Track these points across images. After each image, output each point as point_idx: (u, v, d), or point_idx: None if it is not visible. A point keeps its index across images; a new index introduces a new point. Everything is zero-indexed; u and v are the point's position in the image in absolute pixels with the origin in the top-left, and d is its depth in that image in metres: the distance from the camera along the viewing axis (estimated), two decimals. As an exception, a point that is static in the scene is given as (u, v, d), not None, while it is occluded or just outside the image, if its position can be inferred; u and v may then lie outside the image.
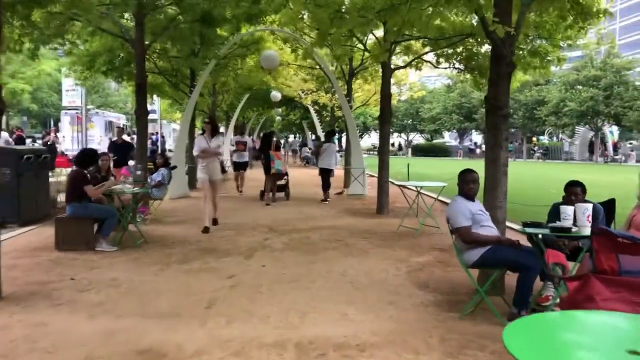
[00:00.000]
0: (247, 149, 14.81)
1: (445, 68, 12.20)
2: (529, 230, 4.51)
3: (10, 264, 6.03)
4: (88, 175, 6.99)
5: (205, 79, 14.30)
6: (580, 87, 41.42)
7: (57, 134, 20.28)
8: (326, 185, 12.81)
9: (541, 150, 46.65)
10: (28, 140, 23.45)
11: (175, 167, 11.13)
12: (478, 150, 50.15)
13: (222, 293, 5.10)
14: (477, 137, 60.25)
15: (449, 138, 65.77)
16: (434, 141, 59.16)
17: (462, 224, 4.45)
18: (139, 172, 9.17)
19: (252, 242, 7.63)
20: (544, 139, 53.46)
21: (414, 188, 8.47)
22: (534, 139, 51.46)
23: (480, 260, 4.38)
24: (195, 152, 8.77)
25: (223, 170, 9.08)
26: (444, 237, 7.93)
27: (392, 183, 11.40)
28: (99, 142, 18.35)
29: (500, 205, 5.18)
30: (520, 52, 10.30)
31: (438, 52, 11.39)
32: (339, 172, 21.05)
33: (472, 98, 49.48)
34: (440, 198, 9.70)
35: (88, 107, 32.75)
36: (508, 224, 5.59)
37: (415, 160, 31.34)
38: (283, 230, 8.55)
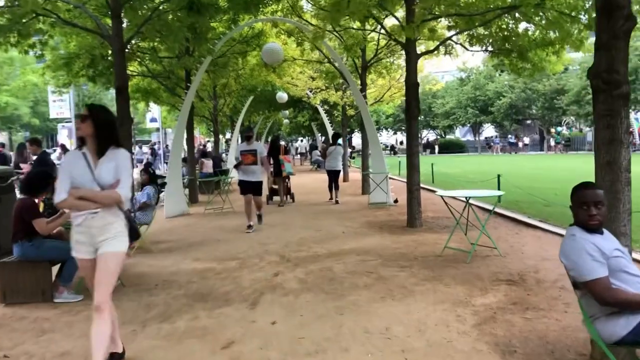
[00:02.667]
0: (257, 160, 9.27)
1: (477, 51, 10.58)
2: None
3: None
4: (39, 204, 5.35)
5: (201, 80, 12.63)
6: (602, 73, 39.24)
7: (47, 149, 18.56)
8: (335, 186, 13.13)
9: (562, 142, 44.34)
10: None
11: (164, 184, 9.46)
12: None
13: (213, 380, 3.42)
14: (490, 132, 57.88)
15: (459, 133, 63.33)
16: (447, 137, 56.89)
17: (598, 275, 2.69)
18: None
19: (258, 278, 5.92)
20: (562, 129, 51.15)
21: (463, 199, 6.70)
22: (553, 130, 49.16)
23: (635, 336, 2.64)
24: (57, 197, 3.32)
25: (134, 235, 3.54)
26: (505, 261, 6.21)
27: (425, 190, 9.65)
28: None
29: (623, 231, 3.47)
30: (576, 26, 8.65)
31: (469, 33, 9.77)
32: (355, 176, 19.56)
33: (487, 90, 47.43)
34: (497, 210, 7.93)
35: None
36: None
37: (433, 159, 29.51)
38: (297, 259, 6.83)
